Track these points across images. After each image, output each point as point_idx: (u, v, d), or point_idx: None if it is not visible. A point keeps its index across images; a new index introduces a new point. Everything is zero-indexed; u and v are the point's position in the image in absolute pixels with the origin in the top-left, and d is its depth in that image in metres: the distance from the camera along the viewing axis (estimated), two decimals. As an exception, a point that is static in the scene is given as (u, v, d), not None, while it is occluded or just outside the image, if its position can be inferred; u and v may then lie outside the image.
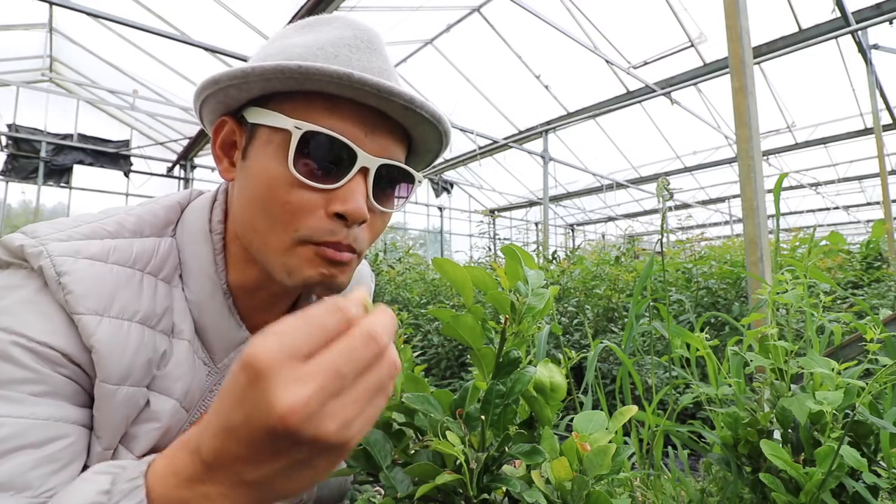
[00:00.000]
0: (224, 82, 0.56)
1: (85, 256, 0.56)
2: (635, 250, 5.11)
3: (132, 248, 0.61)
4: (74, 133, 9.03)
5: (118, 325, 0.56)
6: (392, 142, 0.61)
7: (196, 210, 0.67)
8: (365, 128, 0.58)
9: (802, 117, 9.76)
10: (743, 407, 0.95)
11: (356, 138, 0.57)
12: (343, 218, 0.57)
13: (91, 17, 4.41)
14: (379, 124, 0.59)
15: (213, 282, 0.64)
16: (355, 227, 0.58)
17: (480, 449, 0.57)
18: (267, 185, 0.56)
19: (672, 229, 5.13)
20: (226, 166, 0.63)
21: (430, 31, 8.12)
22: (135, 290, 0.59)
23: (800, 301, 0.99)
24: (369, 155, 0.57)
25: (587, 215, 17.65)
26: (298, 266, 0.58)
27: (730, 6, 1.79)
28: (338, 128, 0.56)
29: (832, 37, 5.85)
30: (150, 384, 0.60)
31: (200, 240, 0.65)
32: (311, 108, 0.56)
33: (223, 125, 0.62)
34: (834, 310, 2.11)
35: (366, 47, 0.61)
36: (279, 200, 0.56)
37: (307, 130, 0.55)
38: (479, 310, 0.60)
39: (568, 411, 2.18)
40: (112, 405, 0.55)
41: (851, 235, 13.68)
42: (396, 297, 3.94)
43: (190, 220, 0.67)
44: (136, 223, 0.64)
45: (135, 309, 0.58)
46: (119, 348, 0.55)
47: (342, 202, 0.56)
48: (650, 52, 7.83)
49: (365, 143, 0.57)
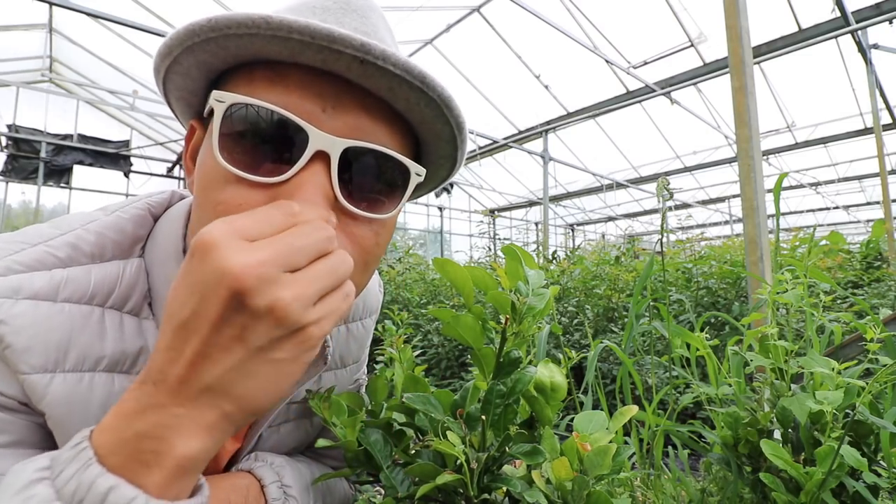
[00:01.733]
0: (161, 68, 0.47)
1: (27, 296, 0.45)
2: (635, 250, 5.11)
3: (89, 279, 0.49)
4: (74, 133, 9.03)
5: (77, 379, 0.46)
6: (367, 119, 0.45)
7: (170, 223, 0.56)
8: (322, 101, 0.43)
9: (802, 117, 9.77)
10: (743, 407, 0.95)
11: (308, 114, 0.42)
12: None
13: (91, 17, 4.41)
14: (343, 96, 0.44)
15: None
16: None
17: (481, 449, 0.57)
18: (202, 184, 0.45)
19: (672, 229, 5.13)
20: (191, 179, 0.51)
21: (429, 31, 8.12)
22: (94, 331, 0.48)
23: (800, 301, 0.99)
24: (328, 134, 0.42)
25: (587, 215, 17.65)
26: None
27: (730, 6, 1.79)
28: (279, 101, 0.42)
29: (832, 36, 5.84)
30: None
31: (172, 262, 0.53)
32: (253, 82, 0.44)
33: (193, 132, 0.52)
34: (834, 309, 2.11)
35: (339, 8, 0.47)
36: (211, 201, 0.43)
37: (232, 103, 0.42)
38: (479, 310, 0.60)
39: (568, 411, 2.18)
40: None
41: (851, 235, 13.67)
42: (396, 297, 3.94)
43: (162, 235, 0.55)
44: (95, 243, 0.52)
45: (97, 356, 0.48)
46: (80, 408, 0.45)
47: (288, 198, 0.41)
48: (650, 52, 7.83)
49: (322, 121, 0.43)
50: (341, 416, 0.61)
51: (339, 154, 0.42)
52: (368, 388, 0.68)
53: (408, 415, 0.66)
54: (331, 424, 0.60)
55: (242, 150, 0.42)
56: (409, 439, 0.63)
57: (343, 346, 0.72)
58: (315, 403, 0.60)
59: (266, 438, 0.68)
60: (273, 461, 0.64)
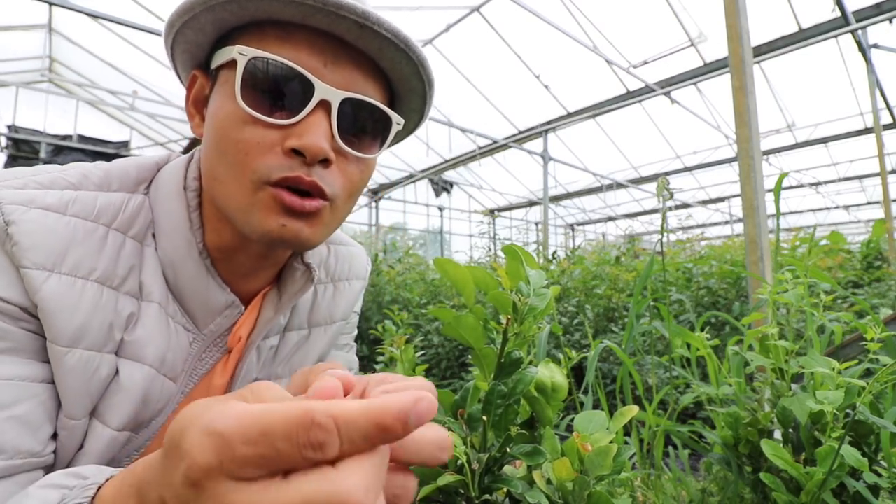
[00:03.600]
0: (177, 23, 0.54)
1: (39, 206, 0.51)
2: (635, 250, 5.11)
3: (96, 202, 0.55)
4: (74, 134, 9.01)
5: (70, 282, 0.51)
6: (360, 75, 0.55)
7: (172, 168, 0.63)
8: (324, 57, 0.52)
9: (802, 117, 9.76)
10: (743, 407, 0.95)
11: (313, 68, 0.52)
12: (301, 155, 0.51)
13: (90, 17, 4.41)
14: (340, 54, 0.53)
15: (187, 240, 0.59)
16: (318, 166, 0.53)
17: (482, 449, 0.57)
18: (220, 125, 0.53)
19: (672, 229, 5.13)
20: (197, 122, 0.60)
21: (429, 31, 8.12)
22: (94, 246, 0.54)
23: (800, 300, 0.99)
24: (329, 86, 0.52)
25: (587, 215, 17.64)
26: (256, 214, 0.53)
27: (730, 6, 1.79)
28: (291, 56, 0.51)
29: (832, 36, 5.84)
30: (119, 351, 0.56)
31: (174, 196, 0.60)
32: (264, 39, 0.52)
33: (195, 80, 0.60)
34: (834, 309, 2.11)
35: None
36: (232, 139, 0.52)
37: (252, 57, 0.50)
38: (480, 310, 0.60)
39: (569, 411, 2.18)
40: (63, 369, 0.51)
41: (852, 235, 13.67)
42: (396, 297, 3.94)
43: (165, 177, 0.62)
44: (103, 177, 0.58)
45: (91, 266, 0.53)
46: (69, 307, 0.51)
47: (298, 137, 0.51)
48: (650, 52, 7.83)
49: (324, 74, 0.52)
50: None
51: (339, 103, 0.52)
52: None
53: (408, 415, 0.66)
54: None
55: (260, 97, 0.51)
56: (409, 440, 0.62)
57: (331, 302, 0.78)
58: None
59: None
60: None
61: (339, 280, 0.80)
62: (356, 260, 0.83)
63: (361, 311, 3.86)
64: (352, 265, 0.82)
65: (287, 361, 0.74)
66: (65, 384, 0.51)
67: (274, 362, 0.72)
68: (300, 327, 0.74)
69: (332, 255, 0.80)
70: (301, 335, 0.75)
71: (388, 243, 6.84)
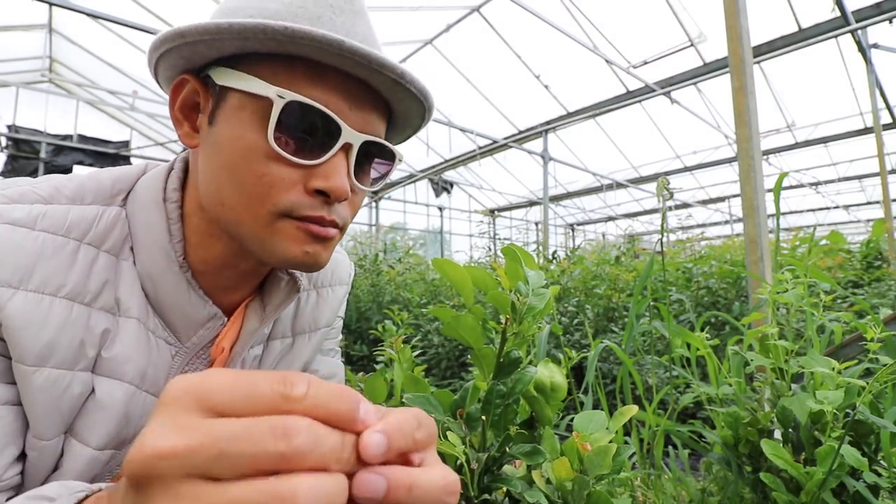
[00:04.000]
0: (192, 37, 0.50)
1: (6, 222, 0.50)
2: (635, 250, 5.11)
3: (67, 216, 0.54)
4: (74, 134, 9.01)
5: (37, 299, 0.50)
6: (375, 116, 0.56)
7: (150, 179, 0.61)
8: (350, 100, 0.53)
9: (802, 117, 9.76)
10: (743, 406, 0.95)
11: (340, 111, 0.52)
12: (324, 194, 0.52)
13: (91, 17, 4.41)
14: (364, 97, 0.54)
15: (166, 253, 0.58)
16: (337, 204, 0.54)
17: (481, 449, 0.57)
18: (241, 155, 0.52)
19: (672, 229, 5.13)
20: (187, 131, 0.57)
21: (429, 31, 8.11)
22: (64, 261, 0.52)
23: (800, 300, 0.99)
24: (353, 130, 0.53)
25: (587, 215, 17.64)
26: (280, 243, 0.53)
27: (730, 6, 1.79)
28: (322, 99, 0.51)
29: (832, 36, 5.84)
30: (96, 368, 0.55)
31: (152, 208, 0.59)
32: (293, 75, 0.51)
33: (183, 84, 0.56)
34: (834, 309, 2.11)
35: (349, 9, 0.55)
36: (255, 172, 0.51)
37: (291, 101, 0.50)
38: (479, 310, 0.60)
39: (568, 411, 2.18)
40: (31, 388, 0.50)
41: (851, 235, 13.66)
42: (396, 297, 3.94)
43: (142, 189, 0.60)
44: (76, 189, 0.57)
45: (60, 282, 0.52)
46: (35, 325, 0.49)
47: (324, 178, 0.52)
48: (650, 52, 7.83)
49: (349, 117, 0.53)
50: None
51: (359, 145, 0.54)
52: (367, 388, 0.68)
53: (408, 415, 0.66)
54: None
55: (288, 136, 0.51)
56: (409, 439, 0.62)
57: (315, 309, 0.78)
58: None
59: None
60: None
61: (322, 286, 0.79)
62: (339, 266, 0.83)
63: (361, 311, 3.86)
64: (335, 271, 0.82)
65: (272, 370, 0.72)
66: (33, 404, 0.50)
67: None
68: (284, 335, 0.74)
69: None
70: (285, 343, 0.74)
71: (388, 243, 6.84)
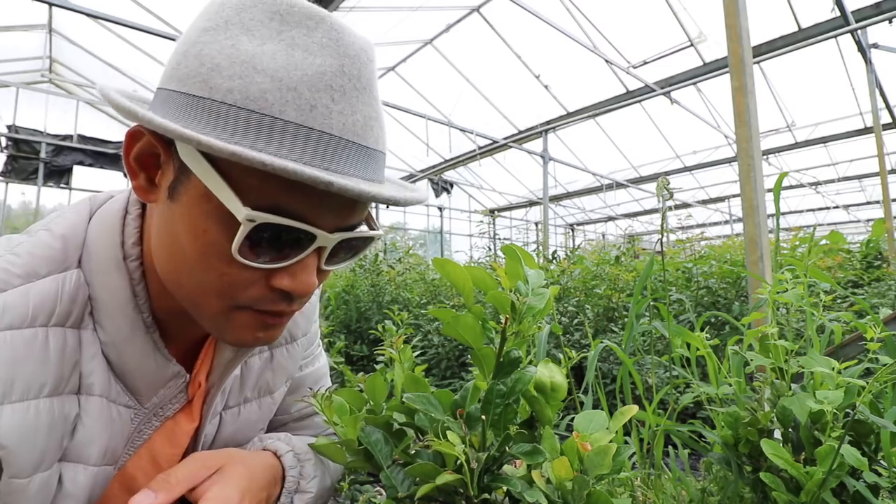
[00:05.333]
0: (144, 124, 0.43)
1: None
2: (635, 250, 5.11)
3: (28, 301, 0.47)
4: (74, 134, 9.02)
5: (24, 408, 0.45)
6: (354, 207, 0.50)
7: (103, 231, 0.55)
8: (329, 204, 0.47)
9: (802, 116, 9.76)
10: (743, 406, 0.95)
11: (318, 217, 0.46)
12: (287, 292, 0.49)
13: (90, 17, 4.41)
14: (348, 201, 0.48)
15: (131, 320, 0.53)
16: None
17: (481, 449, 0.57)
18: (200, 250, 0.47)
19: (672, 229, 5.13)
20: (142, 184, 0.49)
21: (429, 31, 8.12)
22: (38, 356, 0.47)
23: (800, 300, 0.99)
24: (328, 234, 0.48)
25: (587, 215, 17.65)
26: (232, 330, 0.51)
27: (730, 6, 1.79)
28: (298, 209, 0.45)
29: (832, 36, 5.85)
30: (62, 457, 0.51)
31: (112, 269, 0.53)
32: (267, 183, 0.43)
33: (140, 136, 0.48)
34: (834, 309, 2.11)
35: (353, 87, 0.46)
36: (215, 270, 0.47)
37: (263, 222, 0.44)
38: (479, 310, 0.60)
39: (568, 411, 2.18)
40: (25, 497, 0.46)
41: (851, 234, 13.66)
42: (396, 297, 3.94)
43: (96, 243, 0.54)
44: (26, 264, 0.50)
45: (42, 381, 0.47)
46: (30, 436, 0.46)
47: (291, 278, 0.48)
48: (650, 52, 7.83)
49: (326, 218, 0.47)
50: (343, 416, 0.61)
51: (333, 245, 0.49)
52: (367, 388, 0.68)
53: (408, 415, 0.66)
54: (332, 423, 0.60)
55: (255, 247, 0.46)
56: (409, 439, 0.63)
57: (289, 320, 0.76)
58: (317, 402, 0.60)
59: (228, 421, 0.69)
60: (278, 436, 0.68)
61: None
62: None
63: (361, 311, 3.86)
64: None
65: (255, 385, 0.72)
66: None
67: (242, 390, 0.70)
68: (261, 351, 0.72)
69: None
70: (263, 359, 0.72)
71: (389, 243, 6.84)
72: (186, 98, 0.44)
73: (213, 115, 0.43)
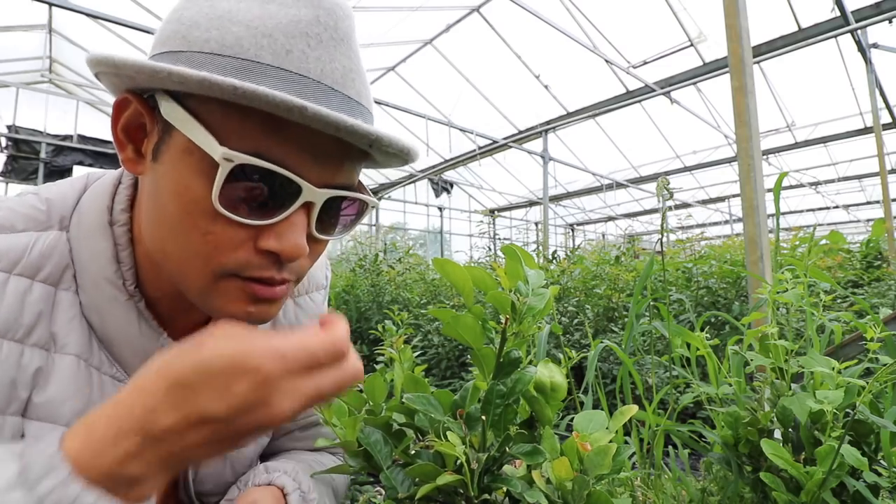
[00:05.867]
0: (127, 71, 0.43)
1: None
2: (635, 250, 5.11)
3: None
4: (74, 134, 9.01)
5: None
6: (346, 164, 0.49)
7: (93, 198, 0.56)
8: (314, 152, 0.46)
9: (802, 116, 9.76)
10: (743, 406, 0.95)
11: (301, 166, 0.45)
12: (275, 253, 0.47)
13: (90, 17, 4.41)
14: (333, 147, 0.47)
15: (113, 284, 0.53)
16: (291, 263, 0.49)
17: (481, 449, 0.57)
18: (185, 208, 0.45)
19: (672, 229, 5.13)
20: (130, 155, 0.50)
21: (429, 31, 8.12)
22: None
23: (800, 300, 0.99)
24: (316, 188, 0.46)
25: (587, 215, 17.64)
26: (220, 302, 0.49)
27: (729, 6, 1.79)
28: (279, 153, 0.44)
29: (831, 36, 5.84)
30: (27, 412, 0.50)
31: (97, 234, 0.53)
32: (247, 124, 0.43)
33: (126, 104, 0.48)
34: (834, 309, 2.11)
35: (329, 37, 0.46)
36: (198, 230, 0.45)
37: (241, 164, 0.43)
38: (479, 310, 0.60)
39: (568, 411, 2.18)
40: None
41: (851, 234, 13.66)
42: (397, 297, 3.94)
43: (86, 209, 0.55)
44: (3, 217, 0.52)
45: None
46: None
47: (277, 238, 0.46)
48: (650, 52, 7.83)
49: (312, 171, 0.46)
50: (342, 417, 0.61)
51: (322, 202, 0.47)
52: (367, 388, 0.68)
53: (408, 415, 0.66)
54: (331, 424, 0.60)
55: (238, 198, 0.45)
56: (409, 440, 0.63)
57: (293, 319, 0.76)
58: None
59: None
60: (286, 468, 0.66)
61: (300, 295, 0.77)
62: (315, 269, 0.79)
63: (361, 311, 3.86)
64: (311, 276, 0.78)
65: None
66: None
67: None
68: None
69: None
70: None
71: (388, 243, 6.84)
72: (166, 56, 0.46)
73: (190, 63, 0.44)
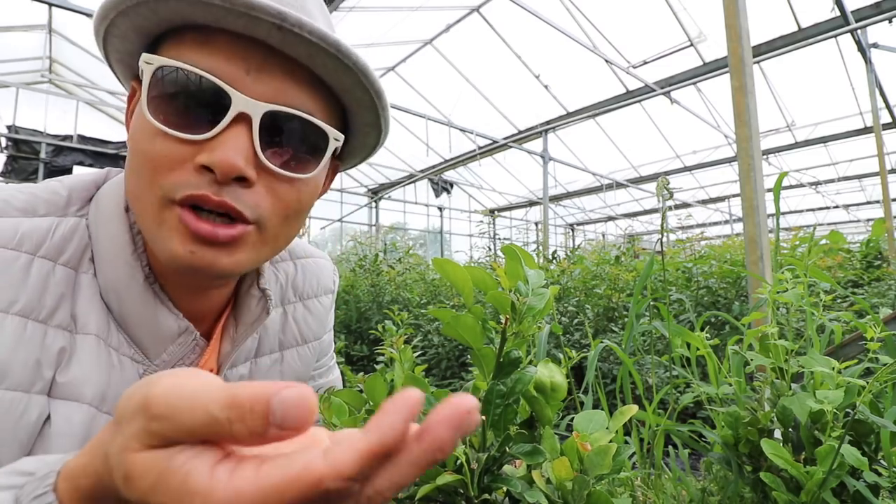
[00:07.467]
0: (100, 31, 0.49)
1: None
2: (635, 250, 5.11)
3: (17, 229, 0.51)
4: (74, 134, 9.01)
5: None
6: (292, 84, 0.49)
7: (111, 187, 0.58)
8: (246, 64, 0.47)
9: (802, 116, 9.77)
10: (743, 406, 0.95)
11: (232, 78, 0.46)
12: (212, 172, 0.46)
13: (90, 18, 4.41)
14: (267, 60, 0.47)
15: (129, 265, 0.54)
16: (235, 185, 0.47)
17: (481, 449, 0.57)
18: (133, 137, 0.49)
19: (672, 229, 5.13)
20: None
21: (429, 31, 8.12)
22: (15, 276, 0.49)
23: (800, 300, 0.99)
24: (249, 98, 0.46)
25: (587, 215, 17.65)
26: (163, 236, 0.48)
27: (729, 6, 1.79)
28: (206, 64, 0.46)
29: (831, 36, 5.84)
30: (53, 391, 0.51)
31: (113, 218, 0.56)
32: (182, 45, 0.47)
33: (134, 93, 0.55)
34: (834, 309, 2.11)
35: None
36: (142, 152, 0.48)
37: (159, 66, 0.46)
38: (479, 310, 0.60)
39: (568, 411, 2.18)
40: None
41: (851, 234, 13.66)
42: (396, 297, 3.94)
43: (104, 198, 0.58)
44: (27, 201, 0.54)
45: (10, 299, 0.49)
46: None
47: (209, 152, 0.46)
48: (650, 52, 7.84)
49: (246, 84, 0.47)
50: (342, 417, 0.61)
51: (260, 116, 0.47)
52: (367, 388, 0.68)
53: (408, 415, 0.66)
54: (331, 424, 0.60)
55: (170, 109, 0.47)
56: (409, 439, 0.62)
57: (302, 322, 0.75)
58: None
59: None
60: None
61: (308, 298, 0.77)
62: (323, 273, 0.80)
63: (361, 311, 3.86)
64: (319, 279, 0.79)
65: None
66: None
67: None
68: (271, 351, 0.71)
69: (300, 271, 0.76)
70: (273, 359, 0.72)
71: (388, 243, 6.84)
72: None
73: None
